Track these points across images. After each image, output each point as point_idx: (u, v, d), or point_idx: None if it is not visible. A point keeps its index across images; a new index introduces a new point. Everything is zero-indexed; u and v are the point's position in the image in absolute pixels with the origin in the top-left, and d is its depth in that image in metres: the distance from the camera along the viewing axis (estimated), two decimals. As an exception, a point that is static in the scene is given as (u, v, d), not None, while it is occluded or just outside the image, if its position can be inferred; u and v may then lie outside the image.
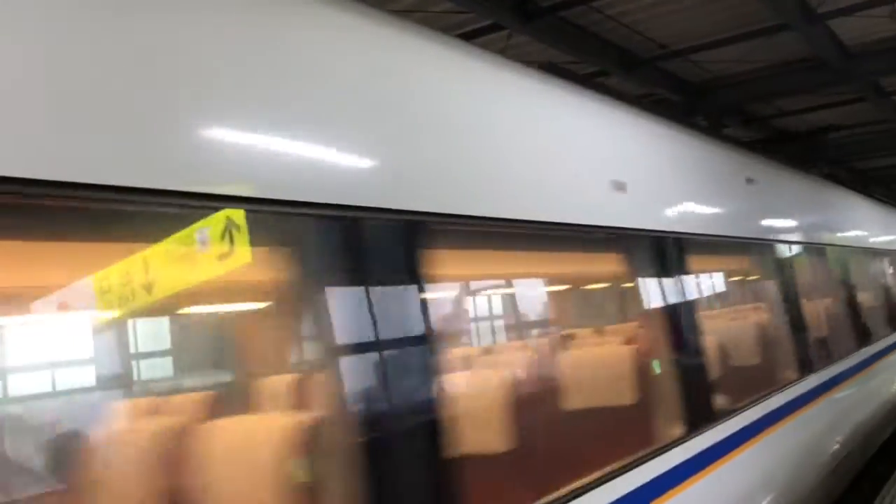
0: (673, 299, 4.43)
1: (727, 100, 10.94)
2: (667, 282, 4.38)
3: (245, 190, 2.11)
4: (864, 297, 9.70)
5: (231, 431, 2.80)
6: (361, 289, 2.32)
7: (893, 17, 8.74)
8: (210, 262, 2.24)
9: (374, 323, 2.33)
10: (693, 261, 4.87)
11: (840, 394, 7.45)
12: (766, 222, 6.83)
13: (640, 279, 4.22)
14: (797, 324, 6.64)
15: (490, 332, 7.50)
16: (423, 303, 2.55)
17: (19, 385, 3.77)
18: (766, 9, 7.93)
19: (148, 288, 2.46)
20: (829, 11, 8.27)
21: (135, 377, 4.42)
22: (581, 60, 9.05)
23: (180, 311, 3.98)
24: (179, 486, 2.71)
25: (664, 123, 5.40)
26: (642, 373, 4.38)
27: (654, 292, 4.29)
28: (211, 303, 3.72)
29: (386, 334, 2.37)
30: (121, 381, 4.17)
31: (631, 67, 9.33)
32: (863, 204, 11.53)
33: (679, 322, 4.45)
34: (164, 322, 4.28)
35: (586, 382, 4.59)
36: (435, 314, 2.61)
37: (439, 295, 3.09)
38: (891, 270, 12.14)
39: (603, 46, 8.85)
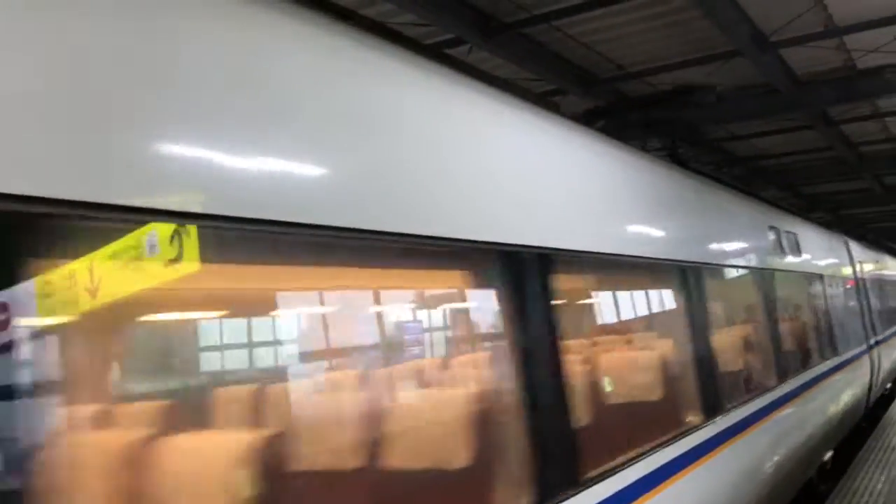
0: (539, 325, 3.40)
1: (680, 122, 11.15)
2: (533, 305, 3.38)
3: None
4: (786, 325, 8.48)
5: None
6: None
7: (841, 48, 9.05)
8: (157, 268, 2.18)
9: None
10: (571, 281, 4.10)
11: (752, 436, 6.14)
12: (659, 236, 5.44)
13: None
14: (703, 358, 5.52)
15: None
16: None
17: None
18: (721, 35, 8.13)
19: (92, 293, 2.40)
20: (781, 40, 8.52)
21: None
22: (540, 78, 9.16)
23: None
24: None
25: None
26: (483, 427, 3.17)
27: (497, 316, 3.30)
28: None
29: None
30: None
31: (589, 86, 9.46)
32: (782, 218, 9.80)
33: (543, 354, 3.39)
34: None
35: None
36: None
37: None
38: (816, 292, 10.39)
39: (562, 64, 8.96)
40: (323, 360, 3.44)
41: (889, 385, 16.42)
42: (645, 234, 5.11)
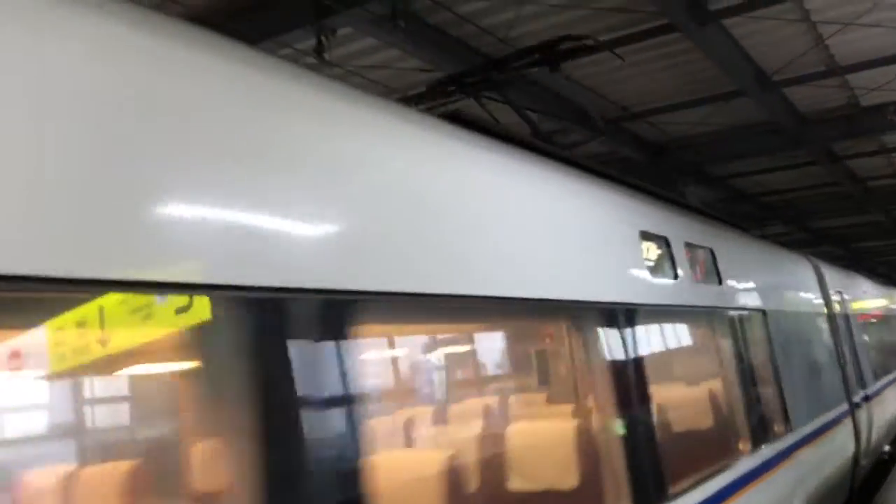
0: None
1: (685, 160, 11.22)
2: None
3: None
4: (670, 403, 5.03)
5: None
6: None
7: (844, 86, 9.12)
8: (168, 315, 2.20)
9: None
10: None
11: None
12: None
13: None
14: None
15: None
16: None
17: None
18: (724, 75, 8.21)
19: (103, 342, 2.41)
20: (783, 80, 8.60)
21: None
22: (546, 119, 9.24)
23: None
24: None
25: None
26: None
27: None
28: None
29: None
30: None
31: (594, 127, 9.54)
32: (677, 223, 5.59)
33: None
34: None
35: None
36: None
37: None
38: (750, 338, 6.34)
39: (566, 105, 9.05)
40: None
41: (888, 447, 12.22)
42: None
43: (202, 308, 2.08)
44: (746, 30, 7.38)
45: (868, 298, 13.41)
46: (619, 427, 3.85)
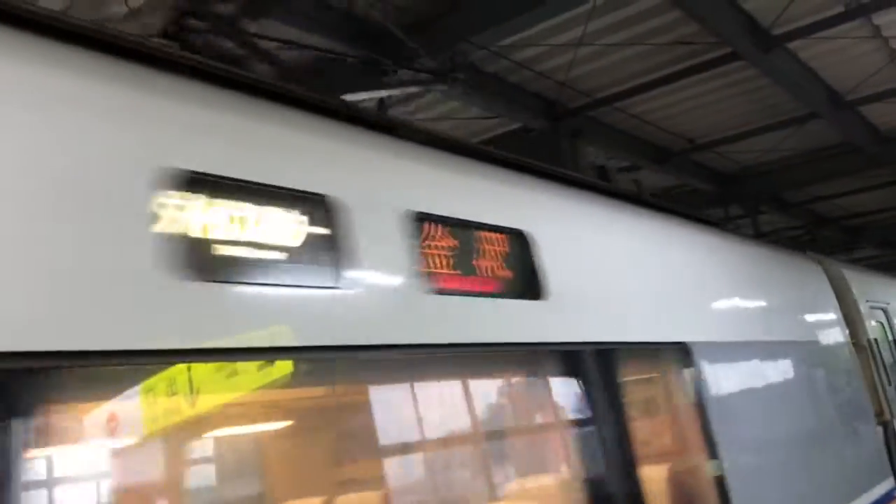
0: None
1: (758, 188, 10.90)
2: None
3: None
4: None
5: None
6: None
7: (923, 100, 8.73)
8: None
9: None
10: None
11: None
12: None
13: None
14: None
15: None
16: None
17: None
18: (794, 99, 7.99)
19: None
20: (858, 98, 8.29)
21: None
22: (614, 156, 9.15)
23: None
24: None
25: None
26: None
27: None
28: None
29: None
30: None
31: (662, 160, 9.40)
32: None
33: None
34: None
35: None
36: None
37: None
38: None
39: (633, 141, 8.95)
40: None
41: None
42: None
43: None
44: (814, 51, 7.19)
45: None
46: None
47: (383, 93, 5.67)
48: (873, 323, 6.88)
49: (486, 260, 2.85)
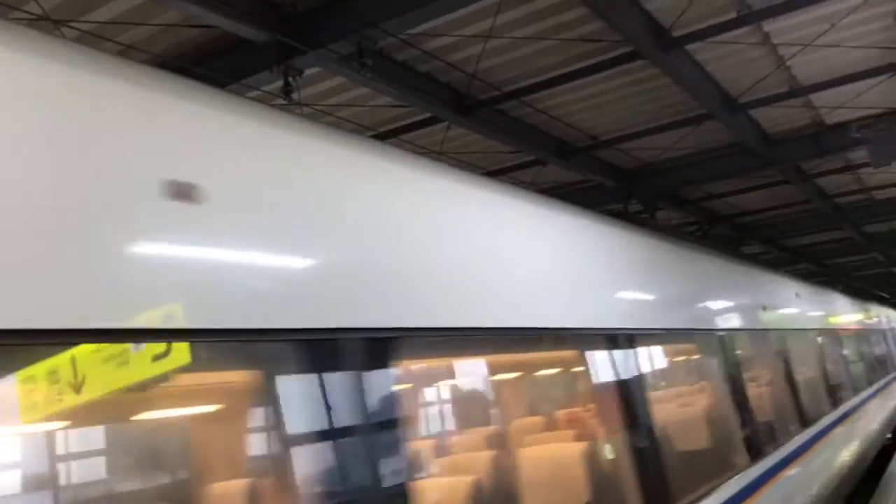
0: None
1: (658, 185, 11.32)
2: None
3: None
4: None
5: None
6: None
7: (807, 106, 9.28)
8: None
9: None
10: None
11: None
12: None
13: None
14: None
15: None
16: None
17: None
18: (691, 99, 8.33)
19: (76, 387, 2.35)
20: (749, 101, 8.73)
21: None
22: (520, 150, 9.31)
23: None
24: None
25: None
26: None
27: None
28: None
29: None
30: None
31: (567, 156, 9.61)
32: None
33: None
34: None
35: None
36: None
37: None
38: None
39: (539, 136, 9.12)
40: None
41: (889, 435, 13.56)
42: None
43: None
44: (710, 55, 7.51)
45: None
46: None
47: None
48: None
49: None
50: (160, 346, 2.14)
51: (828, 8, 6.71)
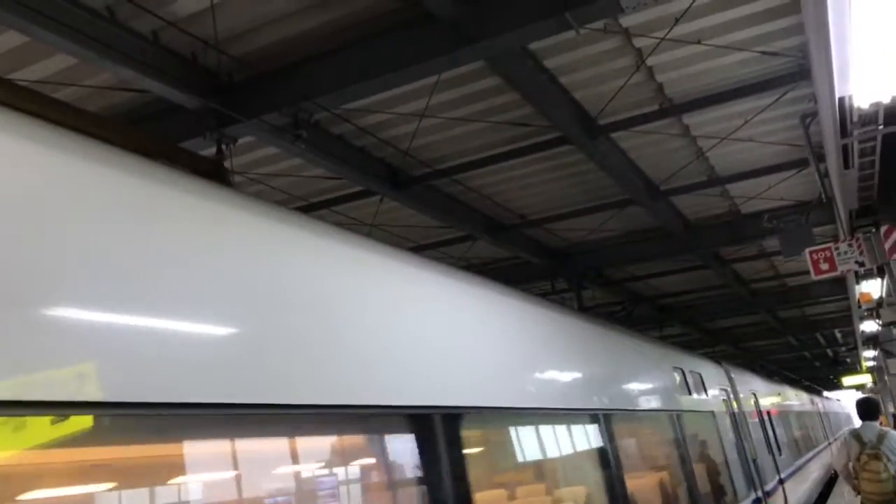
0: None
1: (584, 264, 11.62)
2: None
3: None
4: None
5: None
6: None
7: (724, 195, 9.78)
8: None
9: None
10: None
11: None
12: None
13: None
14: None
15: None
16: None
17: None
18: (615, 184, 8.66)
19: None
20: (670, 189, 9.14)
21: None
22: (450, 225, 9.44)
23: None
24: None
25: None
26: None
27: None
28: None
29: None
30: None
31: (496, 233, 9.80)
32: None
33: None
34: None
35: None
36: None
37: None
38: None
39: (470, 213, 9.29)
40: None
41: None
42: None
43: None
44: (634, 143, 7.87)
45: None
46: None
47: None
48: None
49: None
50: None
51: (741, 105, 7.17)
